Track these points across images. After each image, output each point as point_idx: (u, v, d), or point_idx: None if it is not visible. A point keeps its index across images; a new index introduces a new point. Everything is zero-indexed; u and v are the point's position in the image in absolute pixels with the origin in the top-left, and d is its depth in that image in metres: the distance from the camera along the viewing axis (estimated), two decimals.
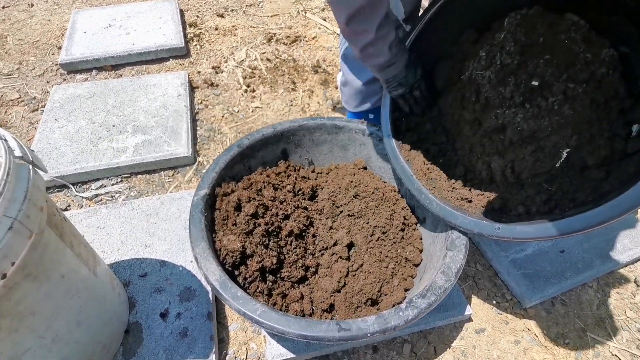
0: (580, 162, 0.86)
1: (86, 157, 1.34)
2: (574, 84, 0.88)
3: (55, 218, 0.69)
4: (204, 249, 0.85)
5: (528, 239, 0.81)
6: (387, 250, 1.01)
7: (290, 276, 0.96)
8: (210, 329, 0.96)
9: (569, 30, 0.87)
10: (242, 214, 0.95)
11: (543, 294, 1.07)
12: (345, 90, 1.37)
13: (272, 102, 1.69)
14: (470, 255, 1.20)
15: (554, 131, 0.90)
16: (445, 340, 1.03)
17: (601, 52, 0.84)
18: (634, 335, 1.05)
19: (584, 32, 0.85)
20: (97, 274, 0.81)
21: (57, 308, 0.69)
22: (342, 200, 1.09)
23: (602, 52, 0.84)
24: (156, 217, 1.18)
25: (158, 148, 1.39)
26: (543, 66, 0.91)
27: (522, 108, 0.94)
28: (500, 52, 0.96)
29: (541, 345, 1.03)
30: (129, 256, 1.08)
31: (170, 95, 1.59)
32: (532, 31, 0.92)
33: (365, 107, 1.36)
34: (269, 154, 1.15)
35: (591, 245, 1.16)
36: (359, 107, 1.37)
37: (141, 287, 1.02)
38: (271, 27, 2.10)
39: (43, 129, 1.43)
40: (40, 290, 0.64)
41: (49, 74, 1.77)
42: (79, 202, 1.29)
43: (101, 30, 1.89)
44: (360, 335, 0.73)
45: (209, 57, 1.89)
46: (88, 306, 0.77)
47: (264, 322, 0.73)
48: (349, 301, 0.93)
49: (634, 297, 1.12)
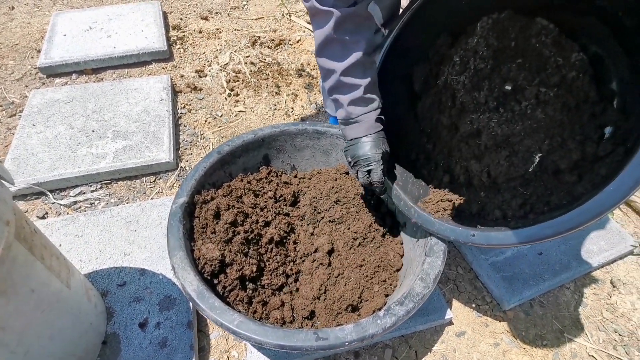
0: (553, 166, 0.88)
1: (64, 164, 1.32)
2: (546, 88, 0.89)
3: (24, 231, 0.67)
4: (182, 259, 0.84)
5: (502, 246, 0.82)
6: (368, 256, 1.01)
7: (271, 284, 0.96)
8: (191, 338, 0.95)
9: (540, 34, 0.88)
10: (221, 222, 0.94)
11: (522, 296, 1.08)
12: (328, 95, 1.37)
13: (256, 106, 1.68)
14: (451, 258, 1.21)
15: (527, 135, 0.91)
16: (426, 344, 1.04)
17: (571, 56, 0.85)
18: (610, 335, 1.07)
19: (554, 35, 0.87)
20: (70, 286, 0.79)
21: (27, 322, 0.68)
22: (323, 206, 1.09)
23: (572, 55, 0.85)
24: (136, 225, 1.17)
25: (139, 154, 1.37)
26: (515, 70, 0.92)
27: (496, 113, 0.95)
28: (474, 57, 0.97)
29: (520, 347, 1.04)
30: (107, 265, 1.07)
31: (152, 99, 1.57)
32: (504, 35, 0.93)
33: None
34: (250, 160, 1.14)
35: (568, 247, 1.18)
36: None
37: (120, 297, 1.01)
38: (256, 30, 2.09)
39: (20, 135, 1.40)
40: (9, 306, 0.63)
41: (27, 77, 1.73)
42: (56, 210, 1.27)
43: (82, 33, 1.86)
44: (338, 344, 0.73)
45: (192, 61, 1.88)
46: (61, 319, 0.75)
47: (242, 333, 0.73)
48: (330, 308, 0.93)
49: (610, 298, 1.14)
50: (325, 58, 0.87)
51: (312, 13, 0.85)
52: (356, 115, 0.91)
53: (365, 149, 0.91)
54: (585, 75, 0.84)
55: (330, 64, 0.87)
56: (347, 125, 0.94)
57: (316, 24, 0.85)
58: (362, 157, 0.92)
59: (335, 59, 0.86)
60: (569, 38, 0.85)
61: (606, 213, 0.69)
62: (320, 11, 0.82)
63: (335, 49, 0.86)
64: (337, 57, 0.86)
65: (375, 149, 0.91)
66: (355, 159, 0.93)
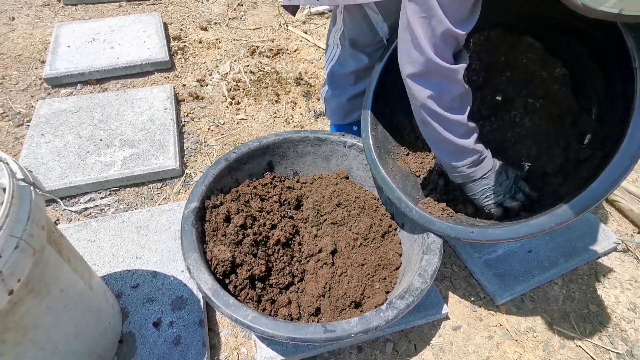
0: (541, 170, 0.95)
1: (74, 172, 1.37)
2: (533, 99, 0.97)
3: (53, 235, 0.73)
4: (196, 260, 0.89)
5: (499, 241, 0.89)
6: (369, 255, 1.08)
7: (278, 283, 1.02)
8: (203, 335, 1.00)
9: (527, 51, 0.97)
10: (232, 225, 1.00)
11: (513, 291, 1.15)
12: (329, 105, 1.44)
13: (256, 113, 1.75)
14: (446, 257, 1.28)
15: (517, 142, 0.99)
16: (424, 338, 1.10)
17: (555, 71, 0.93)
18: (596, 327, 1.15)
19: (539, 52, 0.95)
20: (92, 287, 0.84)
21: (56, 321, 0.73)
22: (326, 209, 1.15)
23: (555, 70, 0.93)
24: (146, 229, 1.22)
25: (146, 161, 1.42)
26: (505, 83, 1.00)
27: (489, 121, 1.03)
28: (468, 70, 1.04)
29: (512, 339, 1.11)
30: (120, 268, 1.11)
31: (156, 108, 1.62)
32: (494, 51, 1.01)
33: (349, 120, 1.44)
34: (255, 167, 1.20)
35: (556, 245, 1.25)
36: (343, 120, 1.44)
37: (134, 298, 1.05)
38: (254, 40, 2.16)
39: (30, 144, 1.44)
40: (42, 305, 0.68)
41: (32, 88, 1.78)
42: (67, 216, 1.31)
43: (85, 44, 1.91)
44: (345, 335, 0.79)
45: (193, 70, 1.94)
46: (85, 318, 0.80)
47: (255, 327, 0.79)
48: (334, 305, 0.99)
49: (596, 292, 1.22)
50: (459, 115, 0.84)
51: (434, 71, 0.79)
52: (484, 149, 0.90)
53: (503, 175, 0.90)
54: (567, 89, 0.92)
55: (456, 117, 0.84)
56: (480, 163, 0.89)
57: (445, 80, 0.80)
58: (509, 182, 0.90)
59: (459, 112, 0.84)
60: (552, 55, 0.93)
61: (590, 209, 0.76)
62: (445, 69, 0.78)
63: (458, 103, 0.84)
64: (460, 111, 0.84)
65: (507, 168, 0.91)
66: (504, 183, 0.90)
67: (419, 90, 0.82)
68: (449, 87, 0.80)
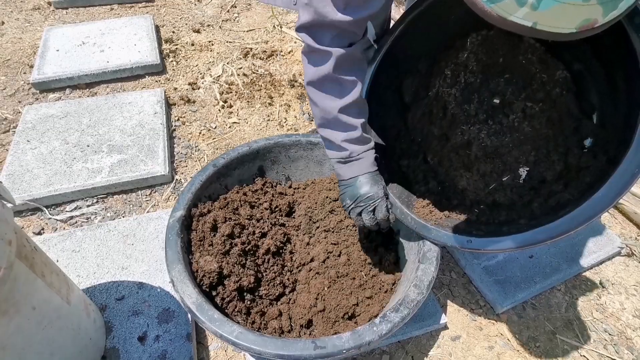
0: (540, 177, 0.91)
1: (60, 179, 1.32)
2: (532, 102, 0.93)
3: (25, 249, 0.68)
4: (180, 272, 0.85)
5: (497, 250, 0.85)
6: (364, 264, 1.03)
7: (269, 294, 0.97)
8: (190, 350, 0.96)
9: (527, 52, 0.92)
10: (219, 235, 0.95)
11: (514, 299, 1.11)
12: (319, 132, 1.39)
13: (249, 117, 1.71)
14: (445, 263, 1.24)
15: (515, 147, 0.95)
16: (422, 349, 1.06)
17: (555, 74, 0.89)
18: (600, 335, 1.10)
19: (540, 54, 0.91)
20: (70, 302, 0.80)
21: (28, 340, 0.68)
22: (318, 216, 1.11)
23: (556, 73, 0.89)
24: (133, 238, 1.17)
25: (134, 167, 1.38)
26: (504, 85, 0.96)
27: (486, 125, 0.99)
28: (464, 71, 1.00)
29: (514, 350, 1.06)
30: (105, 279, 1.07)
31: (146, 113, 1.58)
32: (492, 51, 0.96)
33: None
34: (245, 172, 1.16)
35: (558, 250, 1.21)
36: None
37: (118, 311, 1.01)
38: (247, 42, 2.12)
39: (15, 151, 1.40)
40: (11, 324, 0.63)
41: (20, 93, 1.74)
42: (53, 225, 1.27)
43: (74, 48, 1.87)
44: (336, 352, 0.75)
45: (185, 73, 1.90)
46: (61, 336, 0.76)
47: (241, 344, 0.74)
48: (327, 316, 0.94)
49: (600, 299, 1.17)
50: (324, 93, 0.87)
51: (308, 50, 0.85)
52: (357, 154, 0.89)
53: (366, 188, 0.89)
54: (568, 92, 0.88)
55: (327, 100, 0.87)
56: (346, 163, 0.91)
57: (312, 60, 0.85)
58: (364, 195, 0.88)
59: (333, 95, 0.86)
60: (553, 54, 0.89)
61: (595, 218, 0.72)
62: (317, 50, 0.82)
63: (334, 86, 0.86)
64: (335, 95, 0.86)
65: (377, 186, 0.89)
66: (356, 199, 0.89)
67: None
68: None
